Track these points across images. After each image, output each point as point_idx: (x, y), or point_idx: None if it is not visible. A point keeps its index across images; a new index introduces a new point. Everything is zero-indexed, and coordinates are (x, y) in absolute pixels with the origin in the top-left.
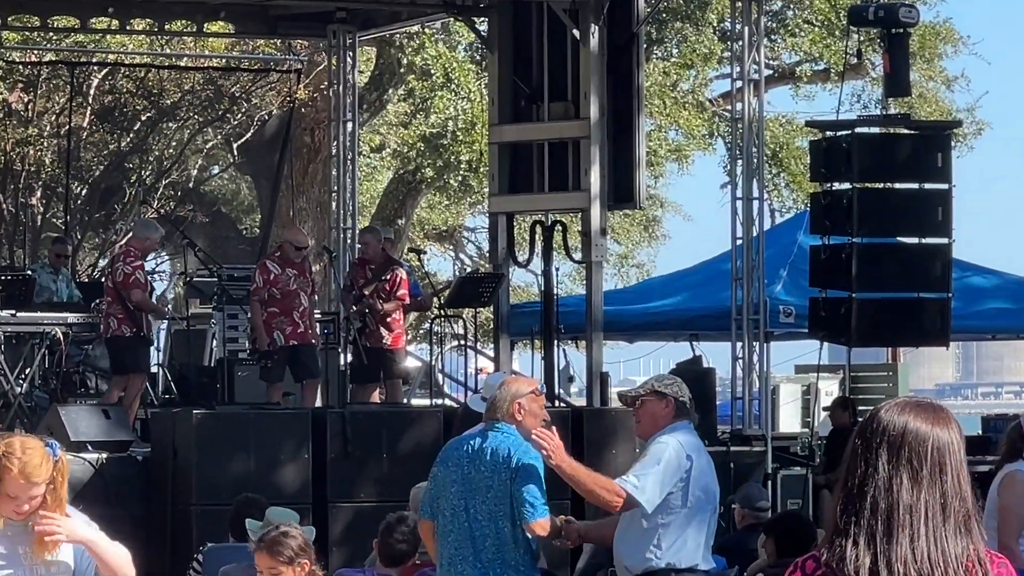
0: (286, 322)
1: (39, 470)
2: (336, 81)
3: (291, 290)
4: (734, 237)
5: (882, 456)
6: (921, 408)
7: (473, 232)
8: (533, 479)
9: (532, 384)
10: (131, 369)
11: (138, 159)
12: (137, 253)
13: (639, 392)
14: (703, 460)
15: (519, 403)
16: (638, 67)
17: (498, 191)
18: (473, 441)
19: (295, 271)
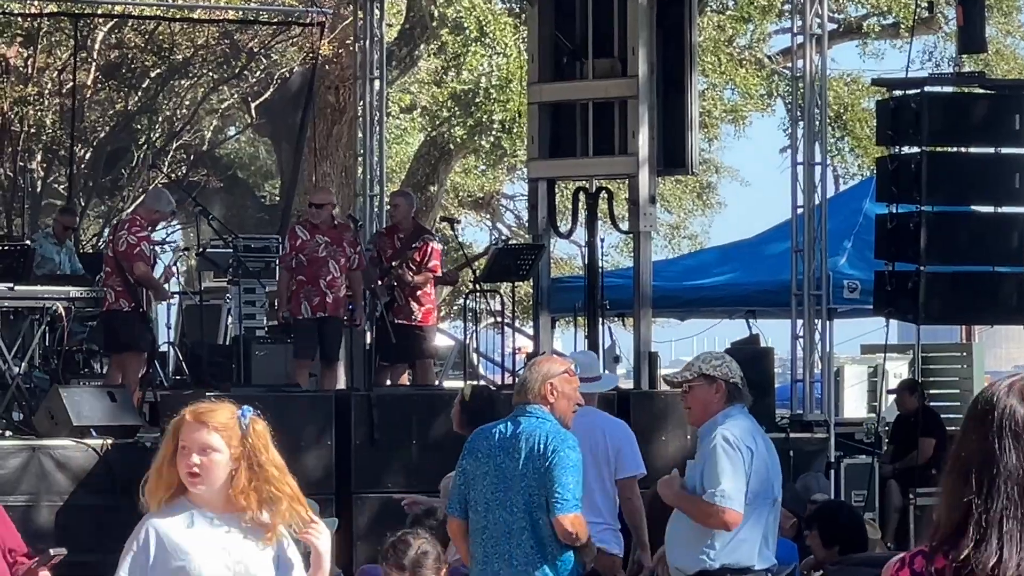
0: (313, 292)
1: (213, 415)
2: (363, 35)
3: (319, 257)
4: (794, 206)
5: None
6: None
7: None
8: (568, 469)
9: (565, 364)
10: (127, 347)
11: (147, 120)
12: (143, 223)
13: (686, 376)
14: (761, 448)
15: (551, 384)
16: (691, 20)
17: (538, 155)
18: (504, 428)
19: (327, 238)
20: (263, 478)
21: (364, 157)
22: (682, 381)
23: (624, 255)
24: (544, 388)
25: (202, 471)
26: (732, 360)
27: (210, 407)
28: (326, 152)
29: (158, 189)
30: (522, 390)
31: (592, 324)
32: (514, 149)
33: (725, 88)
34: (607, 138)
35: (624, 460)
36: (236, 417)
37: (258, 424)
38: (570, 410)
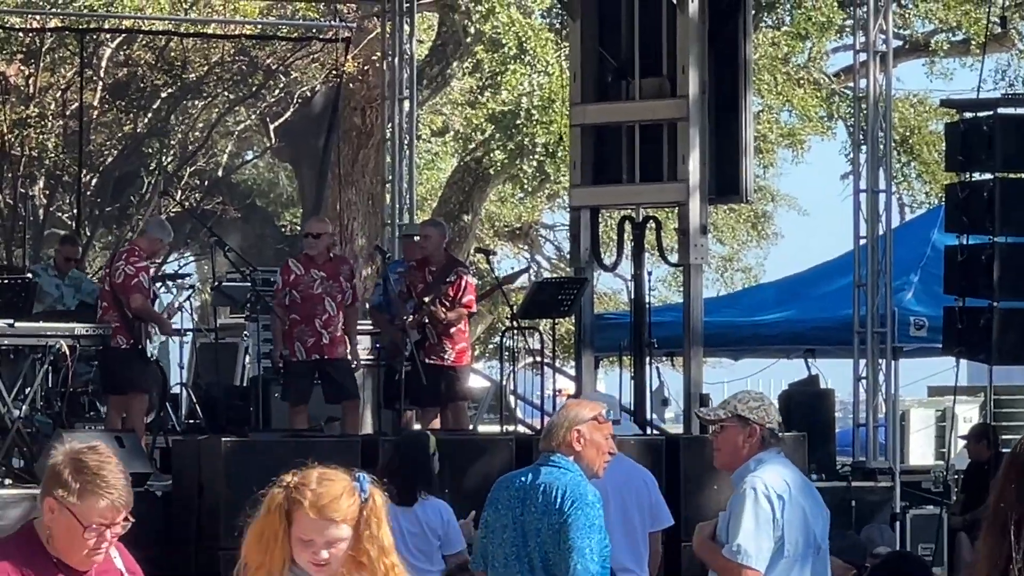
0: (308, 332)
1: (337, 505)
2: (391, 52)
3: (314, 294)
4: (857, 236)
5: None
6: None
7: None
8: (584, 531)
9: (595, 408)
10: (126, 388)
11: (158, 143)
12: (142, 254)
13: (719, 415)
14: (795, 494)
15: (578, 431)
16: (745, 37)
17: (580, 181)
18: (524, 478)
19: (323, 272)
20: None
21: (392, 184)
22: (715, 420)
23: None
24: (570, 435)
25: (330, 561)
26: (772, 403)
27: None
28: (351, 178)
29: (158, 217)
30: (547, 436)
31: (638, 364)
32: (558, 175)
33: (782, 110)
34: (655, 163)
35: (661, 512)
36: (355, 491)
37: (377, 496)
38: (600, 460)
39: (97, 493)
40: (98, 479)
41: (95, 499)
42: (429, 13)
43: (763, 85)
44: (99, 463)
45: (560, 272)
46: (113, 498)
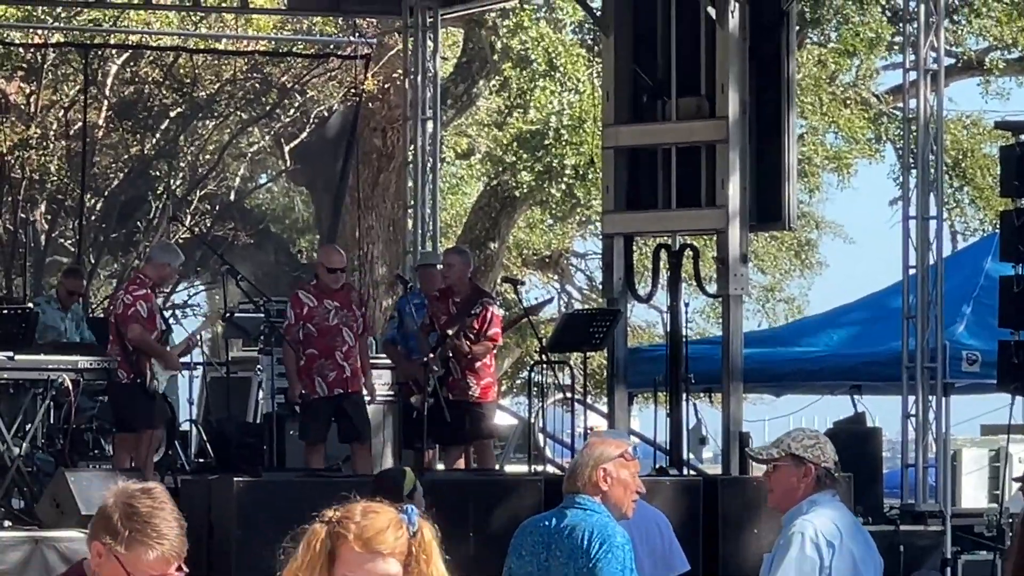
0: (329, 365)
1: (384, 537)
2: (413, 69)
3: (331, 325)
4: (906, 266)
5: None
6: None
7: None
8: (619, 570)
9: (621, 445)
10: (129, 424)
11: (166, 165)
12: (145, 281)
13: (772, 455)
14: (847, 543)
15: (604, 469)
16: (788, 54)
17: (613, 207)
18: (548, 521)
19: (336, 303)
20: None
21: (415, 209)
22: (768, 460)
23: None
24: (596, 474)
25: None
26: (828, 442)
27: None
28: (371, 203)
29: (164, 242)
30: (572, 476)
31: (675, 400)
32: (589, 199)
33: (827, 131)
34: (692, 188)
35: (675, 558)
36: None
37: (426, 530)
38: (627, 499)
39: (146, 544)
40: (148, 528)
41: (144, 550)
42: (454, 28)
43: (807, 105)
44: (151, 510)
45: (592, 303)
46: (163, 549)
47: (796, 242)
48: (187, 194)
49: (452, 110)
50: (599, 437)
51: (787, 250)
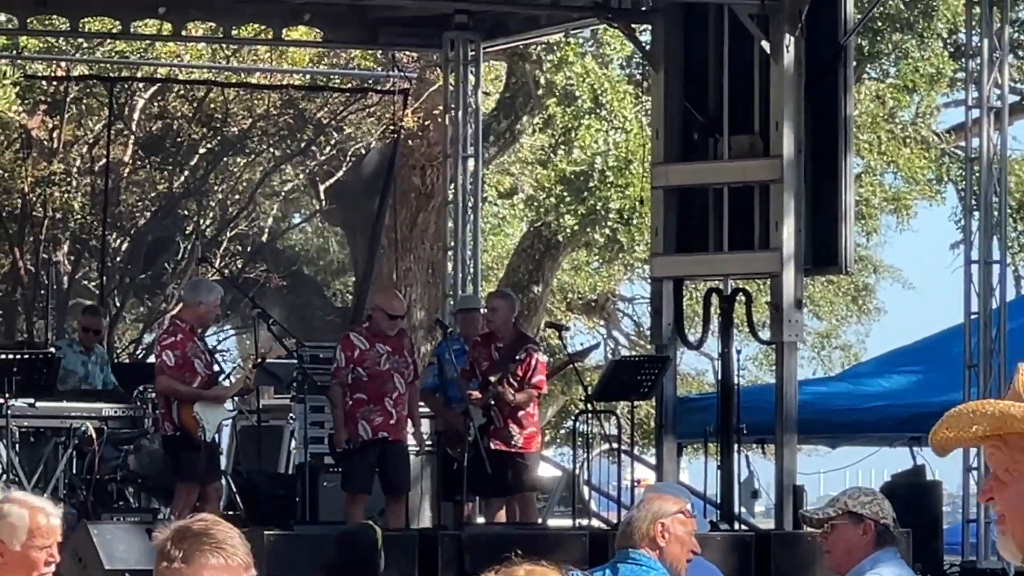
0: (376, 411)
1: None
2: (455, 105)
3: (383, 371)
4: (967, 312)
5: None
6: None
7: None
8: None
9: (679, 502)
10: (177, 477)
11: (195, 204)
12: (180, 327)
13: (828, 514)
14: None
15: (663, 524)
16: (845, 91)
17: (662, 250)
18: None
19: (389, 347)
20: None
21: (455, 250)
22: (824, 519)
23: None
24: (654, 529)
25: None
26: (884, 498)
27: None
28: (409, 244)
29: (194, 279)
30: (627, 532)
31: (726, 452)
32: (632, 244)
33: (886, 171)
34: (745, 230)
35: None
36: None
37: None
38: (683, 558)
39: (204, 552)
40: (205, 537)
41: (204, 558)
42: (496, 62)
43: (865, 144)
44: (206, 525)
45: (640, 349)
46: (225, 555)
47: (853, 287)
48: (217, 234)
49: (494, 147)
50: (657, 491)
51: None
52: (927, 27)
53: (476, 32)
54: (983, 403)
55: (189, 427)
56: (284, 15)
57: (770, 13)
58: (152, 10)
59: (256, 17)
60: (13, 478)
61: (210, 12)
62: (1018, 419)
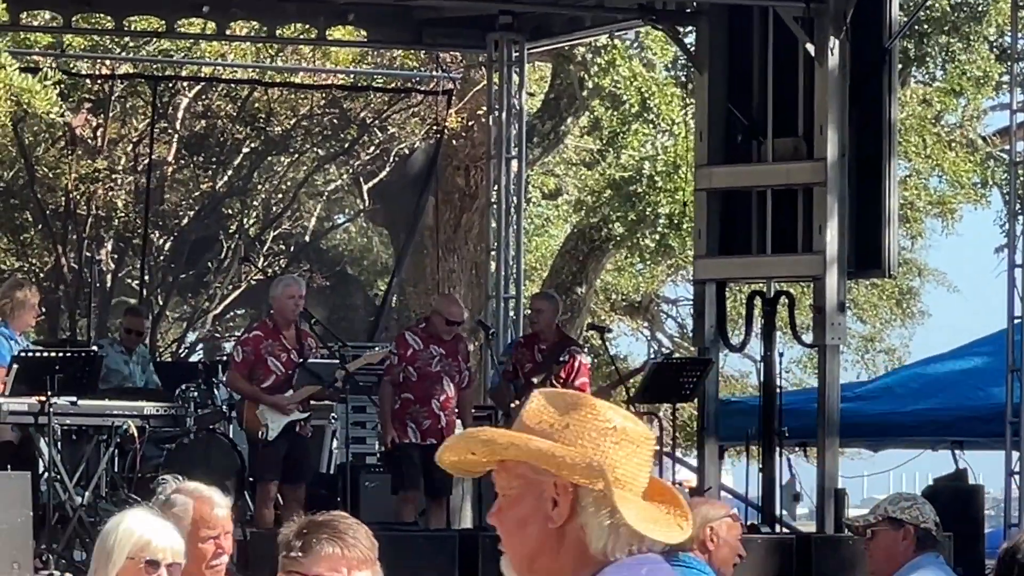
0: (424, 413)
1: None
2: (499, 106)
3: (432, 372)
4: (1011, 316)
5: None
6: None
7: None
8: None
9: (727, 507)
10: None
11: (239, 203)
12: (264, 324)
13: (868, 520)
14: None
15: (712, 528)
16: (890, 94)
17: (706, 252)
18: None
19: (443, 350)
20: None
21: (498, 251)
22: (864, 526)
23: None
24: (703, 532)
25: None
26: (926, 503)
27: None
28: (452, 245)
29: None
30: None
31: (767, 455)
32: (684, 248)
33: (931, 175)
34: (788, 233)
35: None
36: None
37: None
38: (731, 561)
39: (322, 541)
40: (325, 527)
41: (320, 546)
42: (541, 63)
43: (910, 147)
44: (330, 518)
45: (683, 351)
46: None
47: (897, 290)
48: (260, 234)
49: (539, 148)
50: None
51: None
52: (974, 30)
53: (520, 33)
54: (482, 431)
55: (252, 426)
56: (328, 15)
57: (815, 15)
58: (196, 9)
59: (300, 16)
60: (55, 476)
61: (254, 11)
62: (502, 446)
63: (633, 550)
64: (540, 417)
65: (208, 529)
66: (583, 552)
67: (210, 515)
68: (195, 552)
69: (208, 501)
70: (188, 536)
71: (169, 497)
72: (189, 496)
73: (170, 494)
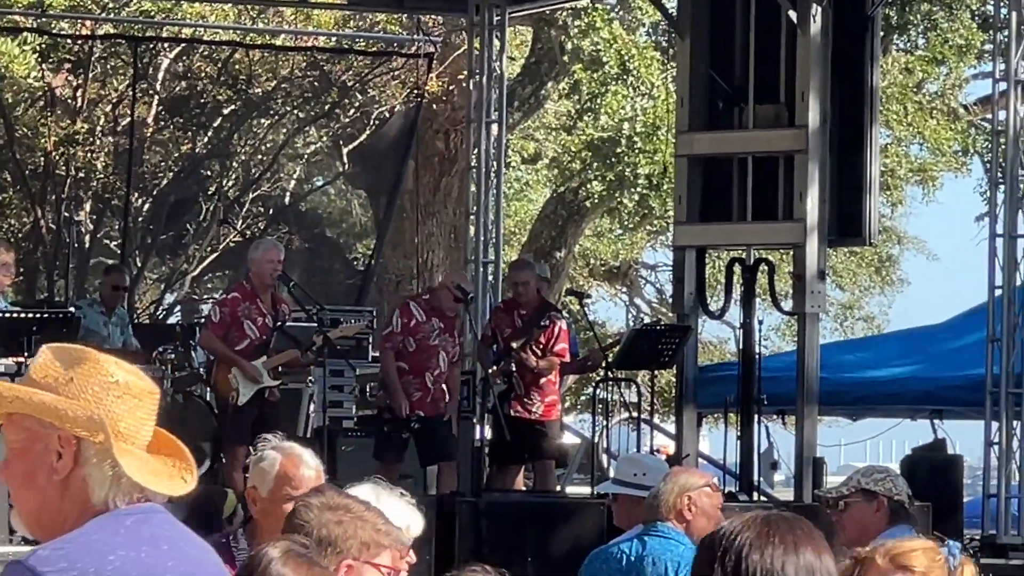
0: (416, 385)
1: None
2: (479, 70)
3: (431, 345)
4: (991, 286)
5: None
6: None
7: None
8: None
9: (706, 476)
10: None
11: (218, 165)
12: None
13: (841, 492)
14: None
15: (690, 497)
16: (872, 61)
17: (686, 218)
18: (627, 547)
19: (442, 324)
20: None
21: (477, 216)
22: (837, 497)
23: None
24: (681, 502)
25: None
26: (899, 476)
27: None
28: (431, 209)
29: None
30: (654, 504)
31: (746, 422)
32: (664, 210)
33: (912, 143)
34: (769, 200)
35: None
36: (942, 559)
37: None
38: (710, 530)
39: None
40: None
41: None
42: (522, 27)
43: (891, 115)
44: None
45: (661, 317)
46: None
47: (876, 258)
48: (239, 196)
49: (519, 113)
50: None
51: (867, 266)
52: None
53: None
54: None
55: (223, 389)
56: None
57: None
58: None
59: None
60: None
61: None
62: (7, 399)
63: (135, 499)
64: (46, 371)
65: (291, 488)
66: (85, 502)
67: (296, 474)
68: (275, 511)
69: (296, 459)
70: (270, 493)
71: (261, 454)
72: (278, 452)
73: (264, 450)
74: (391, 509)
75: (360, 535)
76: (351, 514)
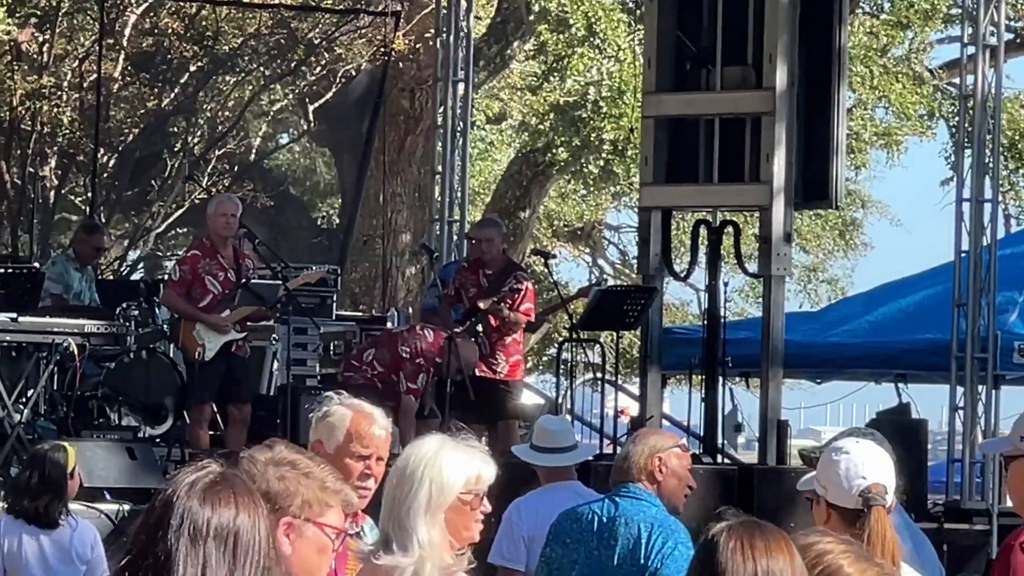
0: None
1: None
2: (445, 29)
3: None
4: (958, 250)
5: None
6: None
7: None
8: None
9: (675, 437)
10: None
11: (184, 122)
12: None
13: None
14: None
15: (660, 458)
16: (839, 24)
17: (652, 179)
18: (599, 508)
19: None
20: None
21: (443, 175)
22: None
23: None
24: (651, 463)
25: None
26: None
27: None
28: (397, 167)
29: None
30: (624, 466)
31: (710, 384)
32: (629, 176)
33: (877, 106)
34: (735, 162)
35: None
36: None
37: None
38: (681, 492)
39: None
40: None
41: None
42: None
43: (857, 78)
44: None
45: (625, 279)
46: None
47: (841, 221)
48: (205, 152)
49: (484, 72)
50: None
51: (831, 229)
52: None
53: None
54: None
55: (188, 345)
56: None
57: None
58: None
59: None
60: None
61: None
62: None
63: None
64: None
65: (361, 447)
66: None
67: (367, 432)
68: (341, 467)
69: (367, 417)
70: (337, 449)
71: (328, 408)
72: (349, 408)
73: (330, 406)
74: (460, 458)
75: (303, 492)
76: (296, 470)
